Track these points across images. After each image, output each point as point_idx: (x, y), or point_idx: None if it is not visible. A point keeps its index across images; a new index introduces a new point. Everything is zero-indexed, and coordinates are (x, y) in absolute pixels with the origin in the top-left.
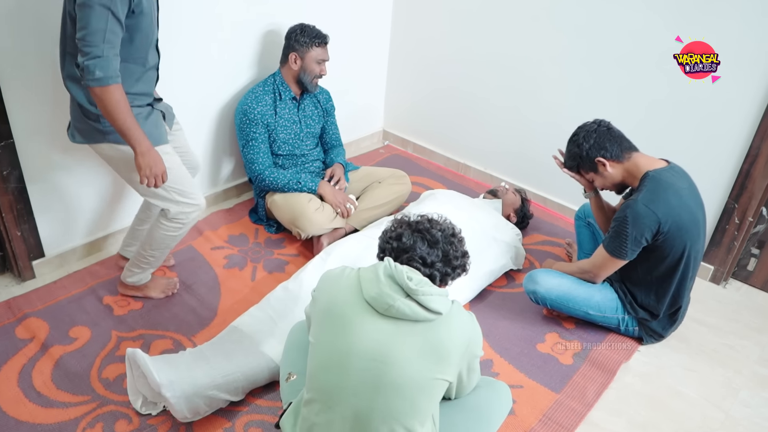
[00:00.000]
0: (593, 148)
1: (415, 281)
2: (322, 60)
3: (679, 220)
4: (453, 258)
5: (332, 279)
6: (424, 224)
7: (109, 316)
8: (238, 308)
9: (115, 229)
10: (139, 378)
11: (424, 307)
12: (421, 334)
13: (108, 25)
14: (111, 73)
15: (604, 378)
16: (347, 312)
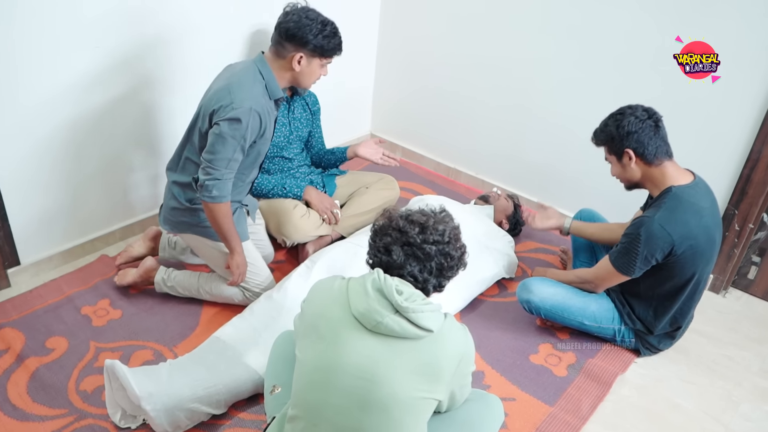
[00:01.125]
0: (630, 136)
1: (406, 295)
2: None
3: (695, 244)
4: (448, 268)
5: (321, 290)
6: (415, 237)
7: (87, 326)
8: (221, 318)
9: (93, 235)
10: (117, 390)
11: (414, 324)
12: (411, 352)
13: (234, 155)
14: (225, 193)
15: (600, 390)
16: (334, 327)
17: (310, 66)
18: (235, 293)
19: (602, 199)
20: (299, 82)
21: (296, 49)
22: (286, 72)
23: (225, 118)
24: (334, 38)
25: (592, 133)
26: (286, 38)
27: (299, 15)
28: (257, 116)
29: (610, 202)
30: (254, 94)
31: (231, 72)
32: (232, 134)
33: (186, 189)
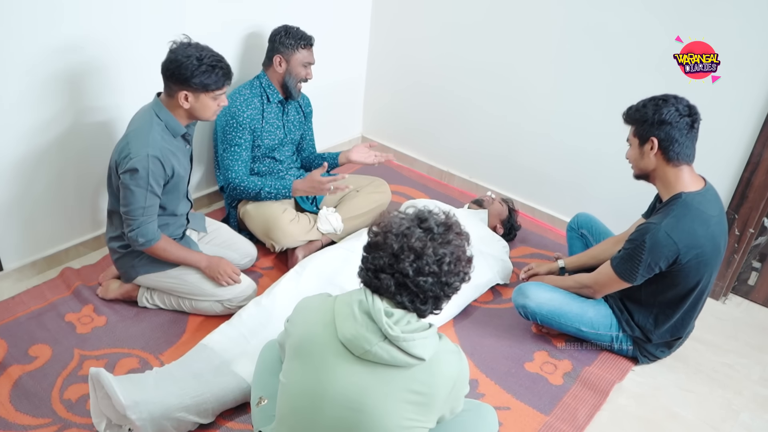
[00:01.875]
0: (663, 126)
1: (396, 317)
2: (308, 63)
3: (701, 253)
4: (446, 296)
5: (306, 310)
6: (407, 269)
7: (72, 333)
8: (208, 325)
9: (76, 241)
10: (102, 399)
11: (405, 353)
12: (402, 381)
13: (146, 202)
14: (150, 237)
15: (597, 399)
16: (320, 352)
17: (200, 101)
18: (215, 307)
19: (599, 203)
20: (195, 116)
21: (179, 87)
22: (179, 109)
23: (125, 171)
24: (213, 72)
25: (627, 109)
26: (167, 78)
27: (176, 53)
28: (157, 161)
29: (607, 206)
30: (151, 140)
31: (132, 121)
32: (135, 184)
33: (120, 239)
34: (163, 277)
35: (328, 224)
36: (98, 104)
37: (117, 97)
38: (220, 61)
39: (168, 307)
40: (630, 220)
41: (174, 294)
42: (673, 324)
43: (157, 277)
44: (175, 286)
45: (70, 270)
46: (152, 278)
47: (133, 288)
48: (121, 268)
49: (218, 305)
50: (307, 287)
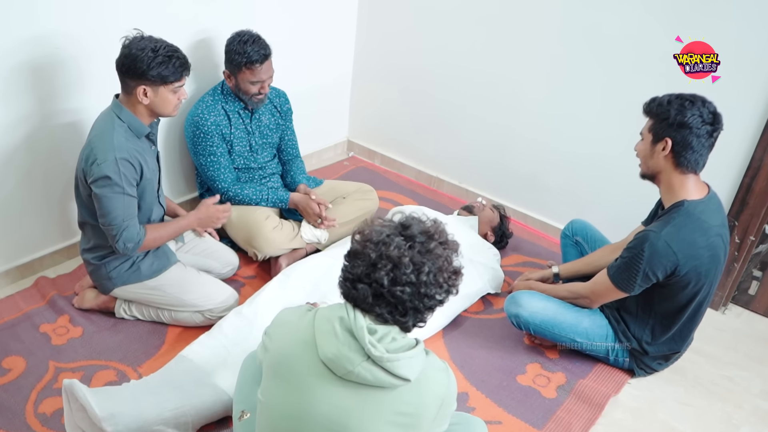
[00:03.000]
0: (682, 129)
1: (380, 334)
2: (257, 81)
3: (700, 264)
4: (427, 309)
5: (285, 325)
6: (383, 279)
7: (47, 344)
8: (188, 336)
9: (49, 250)
10: (77, 412)
11: (389, 373)
12: (387, 402)
13: (125, 207)
14: (137, 238)
15: (591, 413)
16: (300, 372)
17: (159, 95)
18: (195, 317)
19: (593, 210)
20: (156, 112)
21: (137, 82)
22: (139, 106)
23: (95, 179)
24: (170, 62)
25: (650, 99)
26: (124, 74)
27: (129, 48)
28: (126, 162)
29: (602, 213)
30: (116, 143)
31: (93, 127)
32: (111, 191)
33: (93, 251)
34: (141, 289)
35: (311, 233)
36: (68, 106)
37: (88, 97)
38: (176, 51)
39: (146, 318)
40: (626, 226)
41: (153, 305)
42: (671, 337)
43: (135, 288)
44: (154, 297)
45: (45, 279)
46: (129, 290)
47: (110, 298)
48: (97, 281)
49: (198, 315)
50: (291, 297)
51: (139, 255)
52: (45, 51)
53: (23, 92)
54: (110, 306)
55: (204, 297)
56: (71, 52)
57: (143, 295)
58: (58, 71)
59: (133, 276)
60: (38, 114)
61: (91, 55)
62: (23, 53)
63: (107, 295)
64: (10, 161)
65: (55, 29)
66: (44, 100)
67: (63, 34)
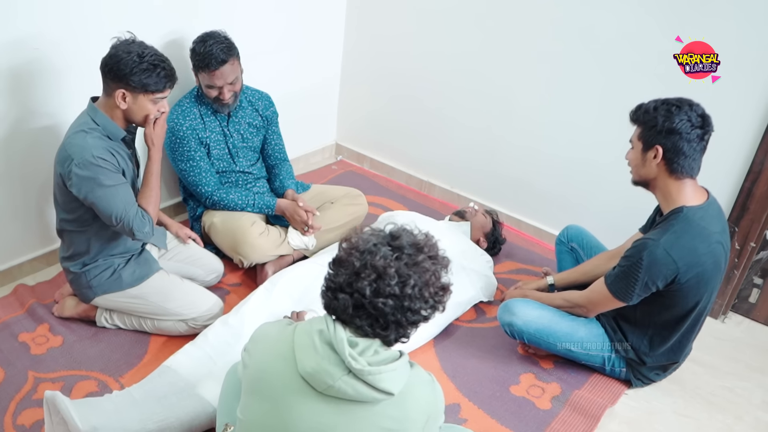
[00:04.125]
0: (671, 136)
1: (361, 347)
2: (212, 85)
3: (701, 271)
4: (409, 324)
5: (264, 340)
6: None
7: (25, 354)
8: (172, 345)
9: (31, 255)
10: (59, 425)
11: (371, 387)
12: (370, 417)
13: (121, 197)
14: (144, 222)
15: (587, 425)
16: (280, 389)
17: (137, 102)
18: (179, 326)
19: (589, 215)
20: (131, 119)
21: (117, 85)
22: (116, 110)
23: (81, 184)
24: (154, 71)
25: (636, 107)
26: (106, 74)
27: (117, 49)
28: (104, 156)
29: (598, 219)
30: (90, 144)
31: (69, 129)
32: (101, 191)
33: (73, 259)
34: (123, 297)
35: (299, 239)
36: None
37: (66, 101)
38: (163, 62)
39: (128, 327)
40: (622, 232)
41: (135, 314)
42: (670, 347)
43: (116, 297)
44: (136, 306)
45: (24, 287)
46: (111, 299)
47: (91, 307)
48: (77, 289)
49: (182, 324)
50: (278, 305)
51: (120, 263)
52: (24, 53)
53: (1, 95)
54: (91, 314)
55: (188, 305)
56: (50, 55)
57: (125, 303)
58: (36, 74)
59: (114, 284)
60: (14, 116)
61: (70, 58)
62: (2, 56)
63: (88, 303)
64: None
65: (34, 31)
66: (21, 102)
67: (42, 37)
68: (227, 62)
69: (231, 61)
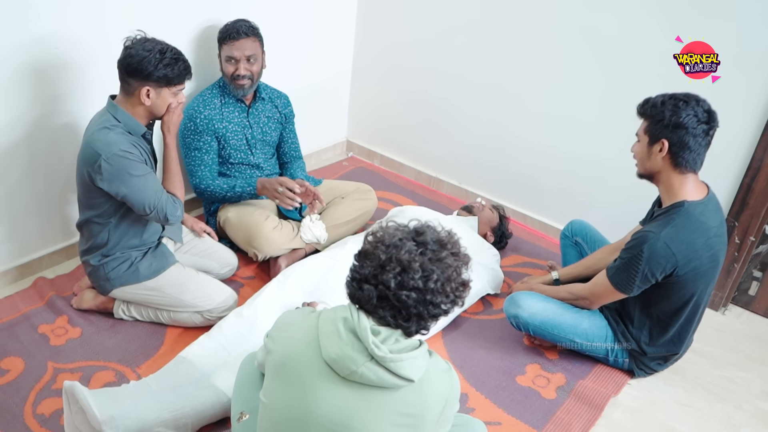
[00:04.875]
0: (678, 130)
1: (383, 335)
2: (231, 57)
3: (699, 265)
4: (430, 317)
5: (288, 326)
6: (390, 281)
7: (45, 345)
8: (187, 337)
9: (48, 250)
10: (77, 414)
11: (393, 374)
12: (391, 403)
13: (150, 187)
14: (178, 204)
15: (591, 414)
16: (303, 373)
17: (161, 97)
18: (195, 318)
19: (593, 210)
20: (155, 114)
21: (141, 83)
22: (139, 107)
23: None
24: (176, 65)
25: (643, 101)
26: (128, 74)
27: (136, 49)
28: (132, 152)
29: (602, 213)
30: (114, 139)
31: (88, 128)
32: (132, 182)
33: (91, 252)
34: (140, 290)
35: (311, 233)
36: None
37: (88, 99)
38: (181, 55)
39: (145, 319)
40: (625, 226)
41: (152, 306)
42: (670, 338)
43: (133, 289)
44: (153, 298)
45: (44, 280)
46: (128, 291)
47: (108, 299)
48: (95, 282)
49: (198, 316)
50: (290, 298)
51: (137, 256)
52: (44, 52)
53: (23, 93)
54: (109, 307)
55: (203, 297)
56: (70, 54)
57: (142, 295)
58: (58, 72)
59: (131, 277)
60: (35, 115)
61: (90, 57)
62: (23, 55)
63: (106, 296)
64: (10, 161)
65: (54, 31)
66: (43, 100)
67: (62, 36)
68: (249, 36)
69: (252, 38)
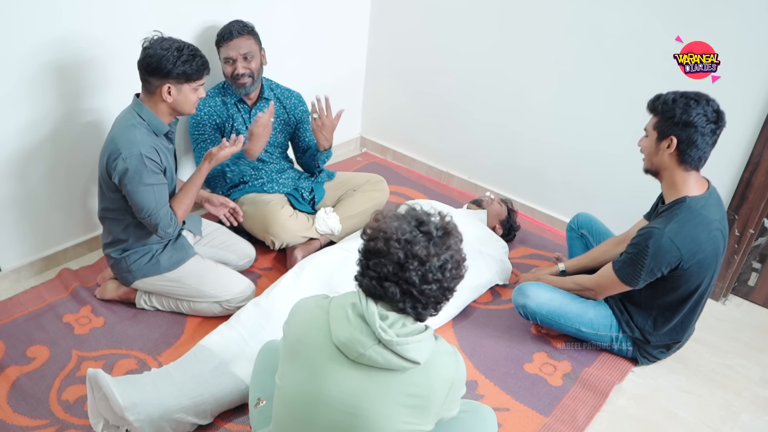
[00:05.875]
0: (687, 128)
1: (391, 320)
2: (228, 58)
3: (703, 258)
4: (446, 300)
5: (301, 312)
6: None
7: (69, 334)
8: (207, 326)
9: (75, 241)
10: (100, 400)
11: (399, 356)
12: (398, 384)
13: (157, 197)
14: (172, 222)
15: (596, 400)
16: (314, 355)
17: (182, 93)
18: (214, 308)
19: (598, 204)
20: (178, 111)
21: (161, 81)
22: (161, 105)
23: (122, 175)
24: (193, 61)
25: (654, 97)
26: (148, 73)
27: (154, 48)
28: (150, 155)
29: (607, 207)
30: (138, 140)
31: (114, 125)
32: (139, 186)
33: (113, 245)
34: (161, 281)
35: (325, 225)
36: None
37: (110, 97)
38: (198, 51)
39: (166, 309)
40: (629, 219)
41: (172, 296)
42: (673, 327)
43: (155, 280)
44: (173, 288)
45: (68, 271)
46: (149, 282)
47: (131, 289)
48: (118, 274)
49: (217, 306)
50: (306, 288)
51: (158, 248)
52: (68, 51)
53: (47, 91)
54: (131, 297)
55: (222, 288)
56: (94, 53)
57: (163, 286)
58: (81, 71)
59: (152, 269)
60: (61, 112)
61: (112, 55)
62: (48, 54)
63: (128, 286)
64: (35, 158)
65: (78, 30)
66: (67, 99)
67: (86, 35)
68: (242, 35)
69: (246, 36)
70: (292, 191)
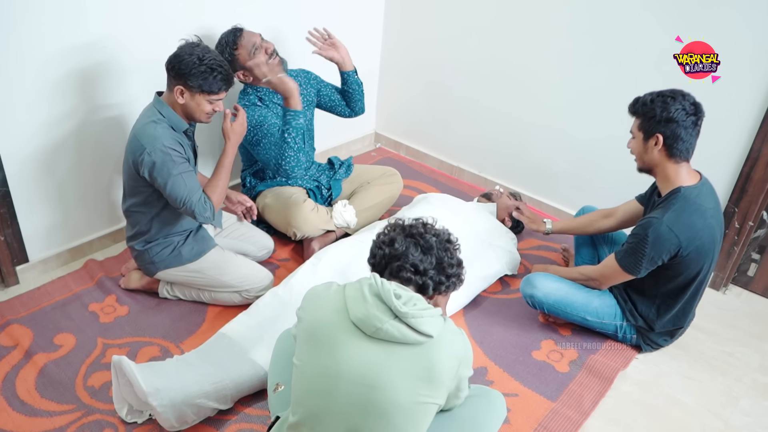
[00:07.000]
0: (669, 124)
1: (404, 298)
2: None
3: (700, 245)
4: (447, 266)
5: (316, 297)
6: (418, 228)
7: (95, 322)
8: (227, 315)
9: (100, 233)
10: (125, 386)
11: (414, 330)
12: (411, 358)
13: (187, 185)
14: (209, 207)
15: (601, 386)
16: (332, 334)
17: (195, 100)
18: (234, 297)
19: (604, 197)
20: (189, 115)
21: (177, 82)
22: (177, 105)
23: (150, 169)
24: (210, 74)
25: (633, 101)
26: (168, 71)
27: (182, 50)
28: (173, 146)
29: (612, 200)
30: (159, 134)
31: (137, 121)
32: (168, 178)
33: (137, 237)
34: (182, 271)
35: (342, 218)
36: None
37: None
38: (221, 65)
39: (188, 298)
40: None
41: (194, 286)
42: (675, 314)
43: (177, 271)
44: (195, 279)
45: (94, 262)
46: (172, 273)
47: (154, 280)
48: (141, 265)
49: (236, 296)
50: (323, 278)
51: (180, 240)
52: (93, 51)
53: (72, 89)
54: (154, 287)
55: (241, 278)
56: (117, 52)
57: (185, 277)
58: (104, 70)
59: (174, 260)
60: (85, 109)
61: (133, 55)
62: (73, 55)
63: (151, 277)
64: (61, 153)
65: (102, 33)
66: (91, 97)
67: (110, 37)
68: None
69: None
70: (314, 187)
